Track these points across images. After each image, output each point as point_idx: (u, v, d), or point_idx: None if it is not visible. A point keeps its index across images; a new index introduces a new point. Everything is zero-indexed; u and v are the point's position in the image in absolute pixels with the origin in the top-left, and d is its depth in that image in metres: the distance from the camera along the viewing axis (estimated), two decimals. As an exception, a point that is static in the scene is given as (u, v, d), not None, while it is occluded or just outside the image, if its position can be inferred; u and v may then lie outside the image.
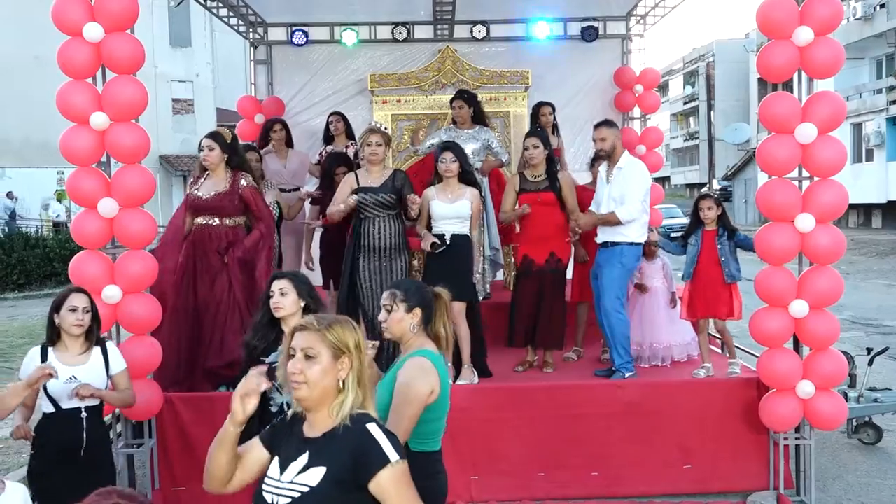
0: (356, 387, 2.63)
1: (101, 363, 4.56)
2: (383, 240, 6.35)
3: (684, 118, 63.40)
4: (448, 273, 6.07)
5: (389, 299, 3.65)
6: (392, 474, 2.52)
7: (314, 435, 2.63)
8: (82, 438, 4.43)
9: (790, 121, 5.46)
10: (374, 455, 2.53)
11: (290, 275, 4.37)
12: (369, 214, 6.34)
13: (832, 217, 5.56)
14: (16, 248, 20.85)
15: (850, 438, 7.26)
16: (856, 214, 32.47)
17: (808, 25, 5.38)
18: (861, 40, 30.93)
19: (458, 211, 6.32)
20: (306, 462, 2.59)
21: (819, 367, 5.62)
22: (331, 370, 2.60)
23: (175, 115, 31.72)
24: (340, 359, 2.61)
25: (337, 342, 2.61)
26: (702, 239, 6.50)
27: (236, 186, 6.16)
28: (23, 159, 26.13)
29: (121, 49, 5.36)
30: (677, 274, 7.13)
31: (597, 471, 6.03)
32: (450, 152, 6.37)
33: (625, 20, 10.13)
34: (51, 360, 4.39)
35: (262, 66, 10.16)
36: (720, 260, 6.39)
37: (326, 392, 2.61)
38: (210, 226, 6.17)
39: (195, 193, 6.20)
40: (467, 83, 9.27)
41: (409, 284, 3.78)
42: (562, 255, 6.79)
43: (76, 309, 4.44)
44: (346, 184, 6.45)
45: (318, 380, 2.58)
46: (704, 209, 6.51)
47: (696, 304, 6.52)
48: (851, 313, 13.64)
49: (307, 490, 2.54)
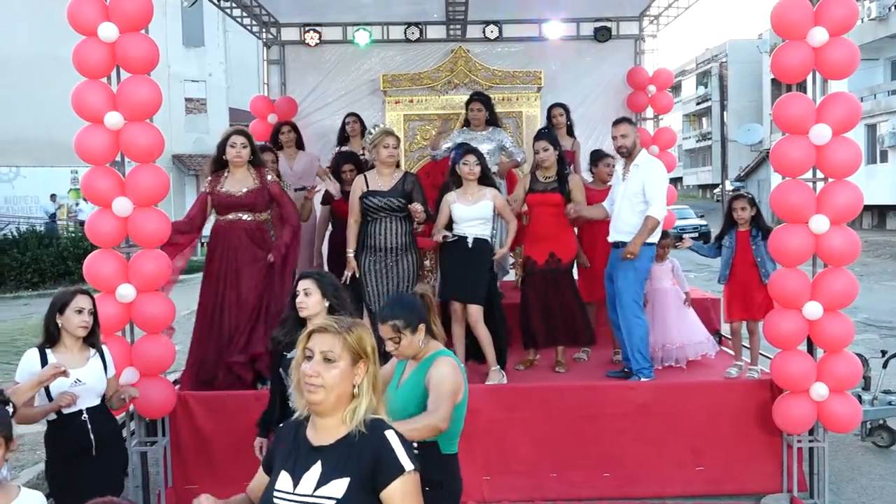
0: (370, 392, 2.57)
1: (100, 365, 4.55)
2: (389, 240, 6.37)
3: (697, 119, 63.19)
4: (467, 277, 6.11)
5: (392, 332, 3.58)
6: (403, 484, 2.48)
7: (324, 443, 2.55)
8: (90, 439, 4.43)
9: (804, 122, 5.44)
10: (390, 463, 2.49)
11: (316, 274, 4.35)
12: (376, 217, 6.37)
13: (847, 218, 5.53)
14: (30, 247, 20.98)
15: (864, 441, 7.21)
16: (870, 216, 32.28)
17: (823, 26, 5.35)
18: (876, 41, 30.75)
19: (480, 212, 6.33)
20: (321, 472, 2.51)
21: (833, 369, 5.59)
22: (348, 375, 2.53)
23: (188, 114, 31.83)
24: (358, 363, 2.55)
25: (356, 346, 2.55)
26: (736, 240, 6.46)
27: (265, 182, 6.28)
28: (37, 159, 26.29)
29: (135, 49, 5.39)
30: (689, 276, 7.11)
31: (609, 472, 6.02)
32: (472, 155, 6.39)
33: (638, 20, 10.11)
34: (51, 362, 4.34)
35: (275, 66, 10.19)
36: (756, 261, 6.35)
37: (342, 397, 2.54)
38: (241, 220, 6.24)
39: (223, 191, 6.23)
40: (479, 83, 9.28)
41: (401, 308, 3.65)
42: (562, 255, 6.79)
43: (82, 310, 4.42)
44: (355, 190, 6.46)
45: (335, 384, 2.51)
46: (738, 209, 6.47)
47: (733, 306, 6.49)
48: (866, 315, 13.55)
49: (334, 503, 2.47)
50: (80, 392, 4.36)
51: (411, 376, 3.67)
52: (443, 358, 3.63)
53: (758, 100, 48.79)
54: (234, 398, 5.95)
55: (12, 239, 21.92)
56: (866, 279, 18.32)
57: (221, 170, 6.32)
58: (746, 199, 6.53)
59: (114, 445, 4.64)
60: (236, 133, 6.28)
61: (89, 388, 4.43)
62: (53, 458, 4.51)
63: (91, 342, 4.53)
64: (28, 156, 26.51)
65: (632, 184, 6.42)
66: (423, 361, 3.65)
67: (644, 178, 6.35)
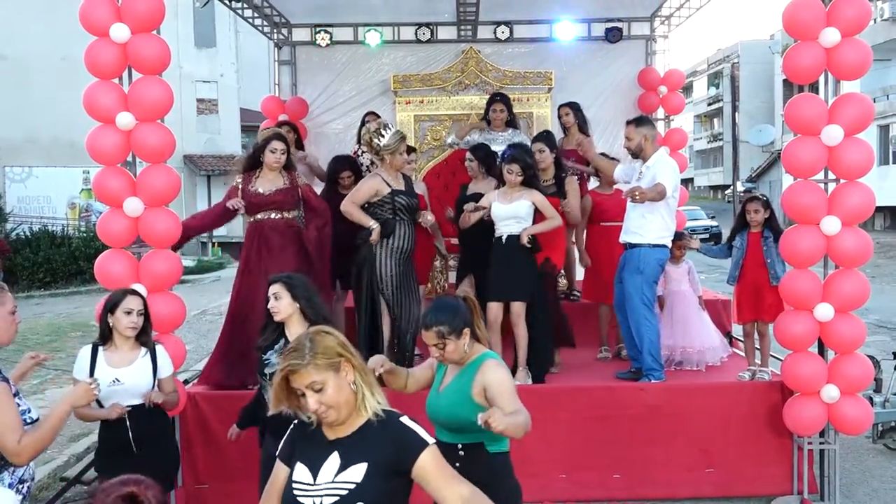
0: (364, 381, 2.71)
1: (149, 366, 4.59)
2: (407, 242, 6.37)
3: (708, 119, 63.01)
4: (506, 275, 6.08)
5: (437, 338, 3.53)
6: (432, 454, 2.64)
7: (341, 435, 2.69)
8: (129, 437, 4.47)
9: (817, 122, 5.42)
10: (414, 441, 2.64)
11: (284, 278, 4.40)
12: (402, 217, 6.36)
13: (859, 220, 5.51)
14: (42, 247, 21.09)
15: (876, 443, 7.17)
16: (882, 217, 32.09)
17: (835, 26, 5.33)
18: (889, 41, 30.58)
19: (515, 211, 6.28)
20: (340, 462, 2.64)
21: (844, 371, 5.57)
22: (340, 384, 2.65)
23: (199, 115, 31.91)
24: (340, 369, 2.66)
25: (328, 360, 2.64)
26: (747, 241, 6.43)
27: (295, 183, 6.37)
28: (50, 159, 26.41)
29: (147, 49, 5.41)
30: (700, 277, 7.09)
31: (619, 473, 6.01)
32: (517, 165, 6.28)
33: (649, 21, 10.09)
34: (99, 361, 4.48)
35: (286, 67, 10.21)
36: (766, 262, 6.31)
37: (349, 402, 2.67)
38: (271, 219, 6.29)
39: (253, 191, 6.28)
40: (490, 84, 9.28)
41: (445, 313, 3.58)
42: (557, 261, 6.83)
43: (131, 311, 4.50)
44: (371, 184, 6.36)
45: (336, 400, 2.63)
46: (752, 212, 6.42)
47: (744, 308, 6.46)
48: (877, 317, 13.48)
49: (354, 486, 2.59)
50: (119, 392, 4.45)
51: (456, 380, 3.62)
52: (490, 361, 3.60)
53: (769, 100, 48.63)
54: (244, 398, 5.94)
55: (25, 239, 22.06)
56: (878, 281, 18.22)
57: (254, 169, 6.36)
58: (760, 202, 6.48)
59: (159, 445, 4.63)
60: (277, 138, 6.31)
61: (128, 389, 4.48)
62: (99, 452, 4.71)
63: (143, 341, 4.59)
64: (40, 156, 26.64)
65: (643, 183, 6.40)
66: (469, 365, 3.61)
67: (655, 172, 6.34)
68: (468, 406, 3.48)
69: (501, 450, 3.61)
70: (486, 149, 7.25)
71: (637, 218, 6.35)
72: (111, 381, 4.43)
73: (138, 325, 4.51)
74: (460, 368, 3.62)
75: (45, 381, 9.38)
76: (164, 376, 4.68)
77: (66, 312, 16.77)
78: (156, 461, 4.53)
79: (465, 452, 3.53)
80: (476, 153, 7.13)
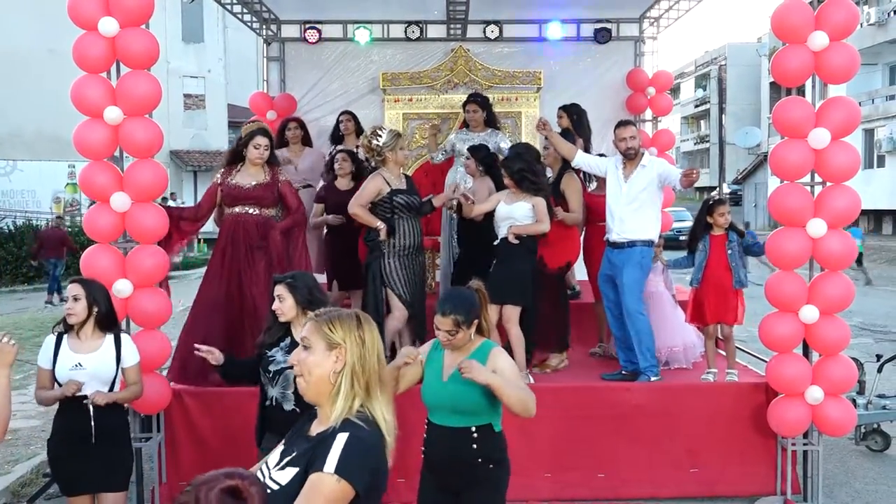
0: (351, 386, 2.53)
1: (112, 354, 4.58)
2: (412, 238, 6.45)
3: (695, 121, 63.24)
4: (500, 277, 6.08)
5: (453, 325, 3.74)
6: (316, 481, 2.38)
7: (312, 433, 2.58)
8: (90, 427, 4.45)
9: (804, 126, 5.45)
10: (320, 458, 2.41)
11: (288, 278, 4.41)
12: (403, 215, 6.41)
13: (844, 223, 5.55)
14: (26, 241, 20.95)
15: (858, 445, 7.23)
16: (866, 220, 32.32)
17: (824, 30, 5.37)
18: (875, 45, 30.78)
19: (511, 212, 6.26)
20: (289, 458, 2.53)
21: (828, 372, 5.61)
22: (323, 361, 2.54)
23: (186, 110, 31.80)
24: (332, 351, 2.55)
25: (329, 333, 2.56)
26: (710, 244, 6.43)
27: (276, 179, 6.31)
28: (34, 152, 26.25)
29: (135, 44, 5.38)
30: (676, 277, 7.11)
31: (603, 472, 6.03)
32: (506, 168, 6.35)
33: (638, 22, 10.11)
34: (63, 347, 4.51)
35: (275, 63, 10.17)
36: (730, 265, 6.32)
37: (319, 385, 2.55)
38: (247, 214, 6.24)
39: (232, 182, 6.22)
40: (479, 83, 9.27)
41: (463, 303, 3.81)
42: (549, 261, 6.76)
43: (67, 299, 4.58)
44: (374, 183, 6.39)
45: (310, 370, 2.55)
46: (725, 215, 6.37)
47: (705, 309, 6.45)
48: (861, 319, 13.58)
49: (277, 488, 2.47)
50: (80, 377, 4.44)
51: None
52: (497, 349, 3.88)
53: (756, 103, 48.83)
54: (229, 394, 5.94)
55: (8, 233, 21.90)
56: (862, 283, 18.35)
57: (236, 163, 6.32)
58: (726, 205, 6.45)
59: (118, 442, 4.61)
60: (261, 133, 6.27)
61: (90, 374, 4.48)
62: (54, 438, 4.61)
63: (108, 329, 4.59)
64: (25, 150, 26.48)
65: (638, 183, 6.41)
66: (476, 352, 3.81)
67: (658, 170, 6.40)
68: (479, 389, 3.64)
69: (500, 429, 3.84)
70: (486, 149, 7.26)
71: (633, 218, 6.40)
72: (73, 366, 4.46)
73: (75, 312, 4.48)
74: (463, 355, 3.76)
75: (29, 377, 9.31)
76: (128, 365, 4.65)
77: (49, 307, 16.68)
78: (116, 459, 4.54)
79: (478, 434, 3.74)
80: (476, 153, 7.12)
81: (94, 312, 4.53)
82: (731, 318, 6.39)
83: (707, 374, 6.46)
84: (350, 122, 8.70)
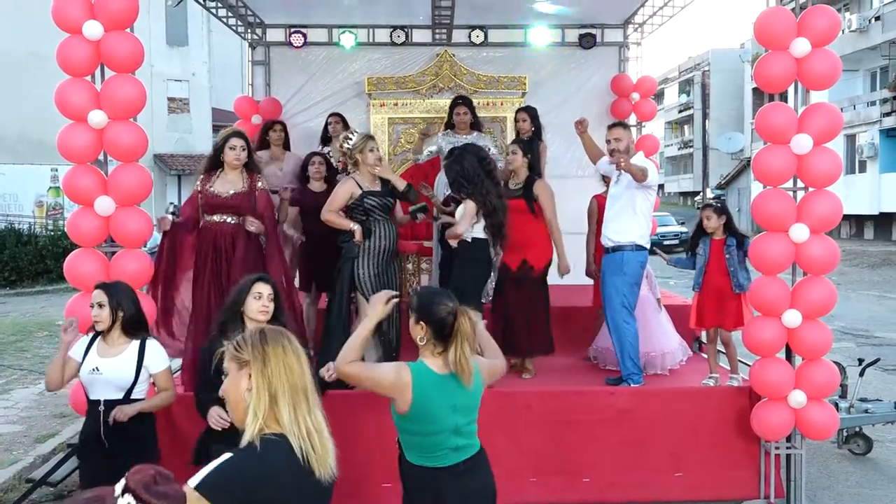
0: (258, 401, 2.50)
1: (133, 361, 4.54)
2: (387, 241, 6.34)
3: (679, 126, 63.54)
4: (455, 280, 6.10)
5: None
6: (186, 491, 2.35)
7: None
8: (100, 430, 4.47)
9: (786, 131, 5.49)
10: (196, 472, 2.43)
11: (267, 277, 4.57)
12: (377, 217, 6.34)
13: (826, 228, 5.59)
14: (7, 245, 20.79)
15: (841, 449, 7.29)
16: (848, 226, 32.59)
17: (806, 37, 5.42)
18: (856, 52, 31.06)
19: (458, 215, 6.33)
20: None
21: (811, 377, 5.65)
22: (235, 382, 2.56)
23: (170, 114, 31.62)
24: (243, 370, 2.55)
25: (237, 353, 2.57)
26: (710, 248, 6.46)
27: (254, 187, 6.15)
28: (17, 156, 26.04)
29: (120, 47, 5.37)
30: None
31: (588, 477, 6.04)
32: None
33: (622, 28, 10.18)
34: (92, 348, 4.57)
35: (260, 67, 10.17)
36: (728, 270, 6.34)
37: (235, 406, 2.57)
38: (225, 223, 6.08)
39: (210, 190, 6.10)
40: (464, 88, 9.29)
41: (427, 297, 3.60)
42: (535, 262, 6.73)
43: (93, 305, 4.57)
44: (345, 188, 6.34)
45: (229, 394, 2.57)
46: (704, 219, 6.45)
47: (705, 314, 6.48)
48: (842, 324, 13.67)
49: None
50: (96, 381, 4.51)
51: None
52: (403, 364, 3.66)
53: (739, 108, 49.13)
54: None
55: (-10, 237, 21.71)
56: (843, 288, 18.46)
57: (215, 169, 6.21)
58: (713, 209, 6.46)
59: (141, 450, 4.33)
60: (236, 135, 6.15)
61: (106, 380, 4.49)
62: (79, 439, 4.77)
63: (134, 333, 4.59)
64: (7, 153, 26.22)
65: (619, 184, 6.45)
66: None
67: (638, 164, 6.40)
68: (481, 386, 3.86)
69: (427, 464, 3.80)
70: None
71: (616, 220, 6.42)
72: (91, 370, 4.50)
73: (99, 318, 4.50)
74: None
75: (10, 381, 9.24)
76: (156, 371, 4.64)
77: (31, 312, 16.52)
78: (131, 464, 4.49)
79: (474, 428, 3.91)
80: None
81: (119, 317, 4.51)
82: (729, 323, 6.39)
83: (708, 379, 6.49)
84: (339, 124, 8.68)
